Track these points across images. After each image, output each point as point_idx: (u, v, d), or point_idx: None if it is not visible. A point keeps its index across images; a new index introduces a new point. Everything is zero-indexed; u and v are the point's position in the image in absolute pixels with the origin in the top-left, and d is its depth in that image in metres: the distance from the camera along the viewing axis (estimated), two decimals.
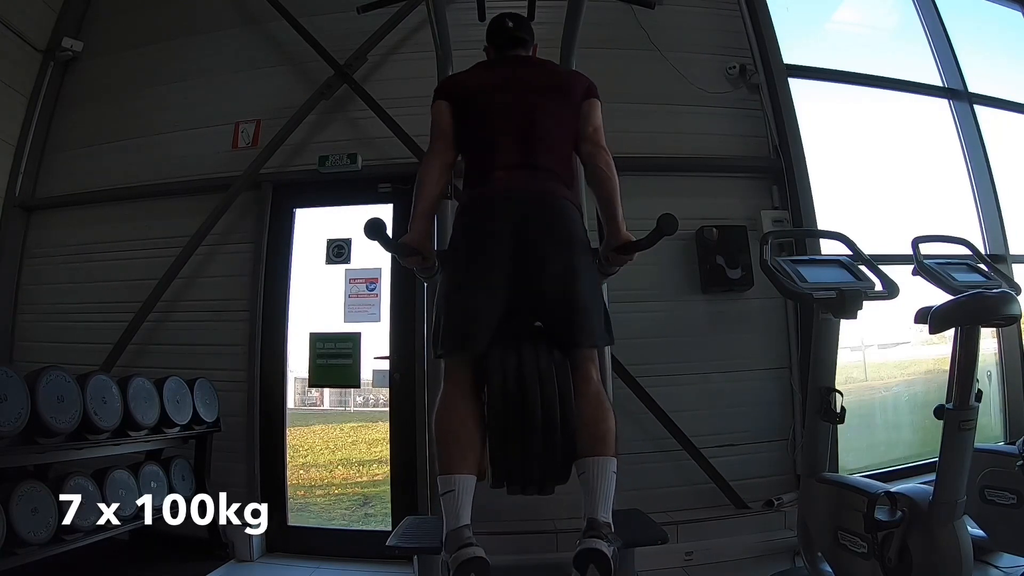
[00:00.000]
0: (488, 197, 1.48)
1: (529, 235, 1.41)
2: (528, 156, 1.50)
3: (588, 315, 1.40)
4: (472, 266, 1.42)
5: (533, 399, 1.30)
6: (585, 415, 1.34)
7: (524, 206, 1.44)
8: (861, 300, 2.06)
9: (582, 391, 1.37)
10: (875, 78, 3.64)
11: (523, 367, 1.33)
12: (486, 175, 1.50)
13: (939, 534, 1.70)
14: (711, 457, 2.87)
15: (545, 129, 1.54)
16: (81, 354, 3.07)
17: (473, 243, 1.44)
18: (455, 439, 1.32)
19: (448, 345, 1.39)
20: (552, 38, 2.14)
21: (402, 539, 1.58)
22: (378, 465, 4.82)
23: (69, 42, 3.57)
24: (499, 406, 1.32)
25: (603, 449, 1.32)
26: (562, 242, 1.43)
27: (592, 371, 1.41)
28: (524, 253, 1.40)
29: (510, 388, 1.31)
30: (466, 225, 1.49)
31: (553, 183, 1.50)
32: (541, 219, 1.44)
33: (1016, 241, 3.60)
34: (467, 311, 1.39)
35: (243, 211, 3.18)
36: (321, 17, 3.29)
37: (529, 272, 1.40)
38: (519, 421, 1.30)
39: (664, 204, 1.86)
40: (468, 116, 1.57)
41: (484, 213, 1.46)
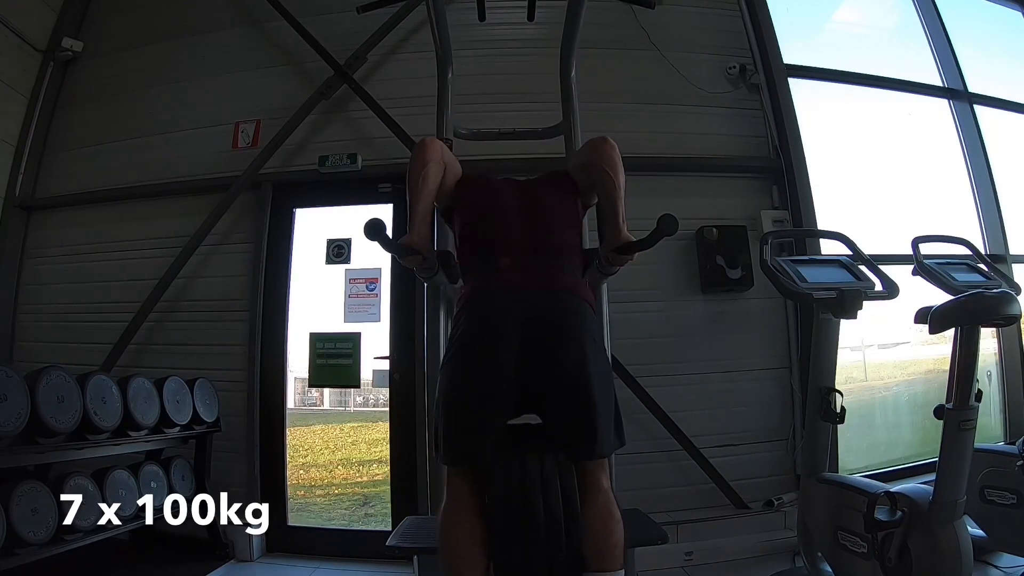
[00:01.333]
0: (491, 295, 1.39)
1: (537, 336, 1.31)
2: (535, 241, 1.45)
3: (599, 425, 1.31)
4: (475, 371, 1.33)
5: (536, 509, 1.25)
6: (593, 527, 1.28)
7: (532, 304, 1.35)
8: (861, 300, 2.06)
9: (590, 500, 1.31)
10: (875, 78, 3.64)
11: (527, 475, 1.28)
12: (488, 263, 1.44)
13: (939, 534, 1.71)
14: (711, 457, 2.87)
15: (551, 213, 1.50)
16: (81, 354, 3.07)
17: (475, 344, 1.35)
18: (460, 557, 1.27)
19: (449, 458, 1.33)
20: (552, 38, 2.14)
21: (402, 539, 1.58)
22: (378, 465, 4.82)
23: (69, 42, 3.57)
24: (500, 515, 1.27)
25: (610, 564, 1.27)
26: (573, 344, 1.32)
27: (602, 479, 1.34)
28: (532, 357, 1.31)
29: (512, 497, 1.26)
30: (467, 323, 1.38)
31: (562, 276, 1.43)
32: (550, 318, 1.34)
33: (1016, 241, 3.60)
34: (468, 422, 1.32)
35: (243, 211, 3.18)
36: (321, 17, 3.29)
37: (537, 377, 1.31)
38: (520, 531, 1.25)
39: (664, 204, 1.85)
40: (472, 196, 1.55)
41: (487, 310, 1.37)
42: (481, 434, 1.30)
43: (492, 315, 1.36)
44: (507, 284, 1.40)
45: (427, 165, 1.49)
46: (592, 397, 1.30)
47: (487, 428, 1.31)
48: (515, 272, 1.41)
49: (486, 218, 1.50)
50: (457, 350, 1.37)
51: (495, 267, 1.42)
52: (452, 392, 1.35)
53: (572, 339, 1.33)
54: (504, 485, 1.28)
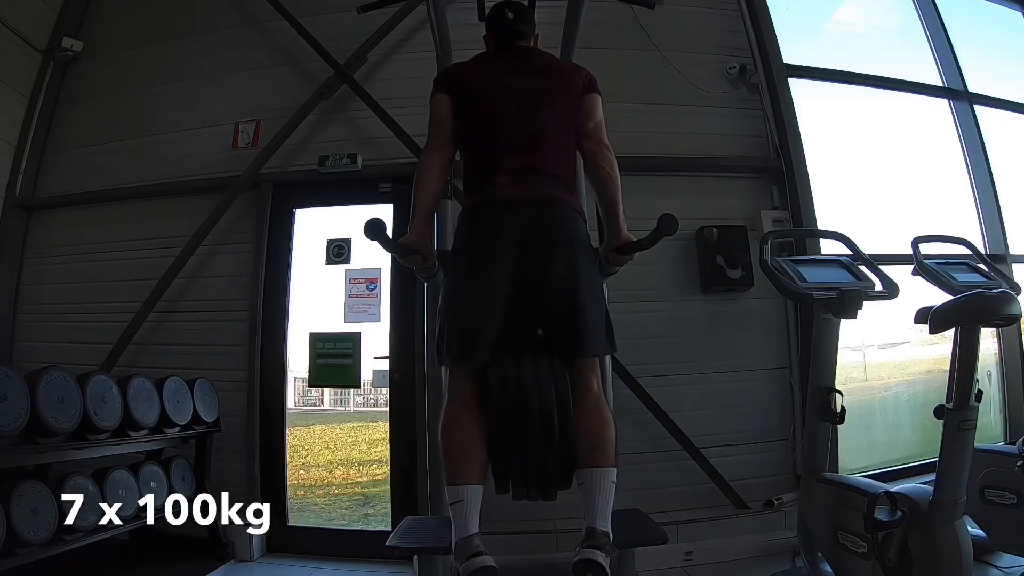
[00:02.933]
0: (490, 205, 1.47)
1: (532, 244, 1.40)
2: (530, 159, 1.49)
3: (590, 325, 1.40)
4: (474, 276, 1.42)
5: (531, 409, 1.31)
6: (585, 425, 1.35)
7: (527, 214, 1.43)
8: (861, 300, 2.06)
9: (582, 400, 1.38)
10: (875, 78, 3.64)
11: (522, 377, 1.35)
12: (487, 180, 1.49)
13: (939, 534, 1.71)
14: (711, 457, 2.87)
15: (547, 129, 1.52)
16: (81, 354, 3.07)
17: (476, 253, 1.44)
18: (461, 450, 1.33)
19: (452, 355, 1.40)
20: (552, 38, 2.13)
21: (402, 539, 1.59)
22: (378, 465, 4.81)
23: (69, 42, 3.57)
24: (497, 416, 1.34)
25: (602, 459, 1.33)
26: (564, 250, 1.42)
27: (593, 380, 1.42)
28: (527, 262, 1.39)
29: (509, 398, 1.33)
30: (468, 234, 1.48)
31: (556, 189, 1.49)
32: (544, 228, 1.43)
33: (1016, 241, 3.60)
34: (469, 322, 1.39)
35: (243, 211, 3.18)
36: (321, 17, 3.29)
37: (532, 281, 1.39)
38: (518, 430, 1.31)
39: (664, 204, 1.85)
40: (468, 113, 1.55)
41: (486, 222, 1.45)
42: (479, 333, 1.38)
43: (489, 225, 1.45)
44: (503, 196, 1.46)
45: (432, 170, 1.52)
46: (582, 299, 1.39)
47: (488, 327, 1.38)
48: (511, 187, 1.47)
49: (485, 137, 1.53)
50: (458, 257, 1.48)
51: (493, 183, 1.48)
52: (454, 296, 1.45)
53: (564, 246, 1.42)
54: (501, 385, 1.35)
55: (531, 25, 1.71)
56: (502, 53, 1.66)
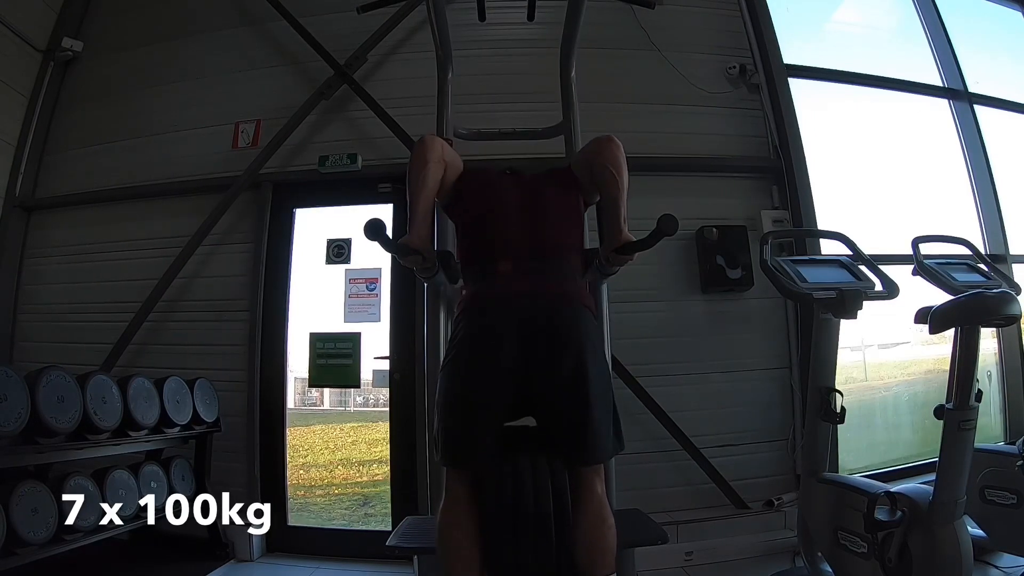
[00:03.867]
0: (491, 299, 1.40)
1: (537, 342, 1.32)
2: (535, 247, 1.44)
3: (598, 431, 1.32)
4: (473, 375, 1.34)
5: (526, 512, 1.27)
6: (585, 531, 1.29)
7: (532, 310, 1.35)
8: (861, 300, 2.06)
9: (584, 505, 1.32)
10: (875, 78, 3.64)
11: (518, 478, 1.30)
12: (489, 269, 1.44)
13: (939, 534, 1.71)
14: (711, 457, 2.87)
15: (552, 217, 1.49)
16: (81, 354, 3.07)
17: (476, 351, 1.36)
18: (458, 553, 1.29)
19: (448, 459, 1.35)
20: (552, 38, 2.14)
21: (402, 539, 1.58)
22: (378, 465, 4.81)
23: (69, 42, 3.57)
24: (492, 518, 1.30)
25: (602, 568, 1.29)
26: (572, 352, 1.33)
27: (596, 484, 1.34)
28: (531, 364, 1.32)
29: (503, 501, 1.29)
30: (468, 328, 1.39)
31: (563, 281, 1.43)
32: (550, 325, 1.34)
33: (1016, 241, 3.60)
34: (467, 427, 1.33)
35: (243, 211, 3.18)
36: (321, 17, 3.29)
37: (536, 383, 1.32)
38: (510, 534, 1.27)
39: (664, 204, 1.85)
40: (473, 194, 1.54)
41: (487, 318, 1.38)
42: (478, 437, 1.32)
43: (491, 320, 1.37)
44: (506, 289, 1.40)
45: (427, 164, 1.49)
46: (589, 404, 1.31)
47: (484, 431, 1.32)
48: (514, 277, 1.41)
49: (487, 218, 1.50)
50: (456, 354, 1.38)
51: (495, 271, 1.43)
52: (451, 395, 1.36)
53: (570, 346, 1.33)
54: (496, 487, 1.30)
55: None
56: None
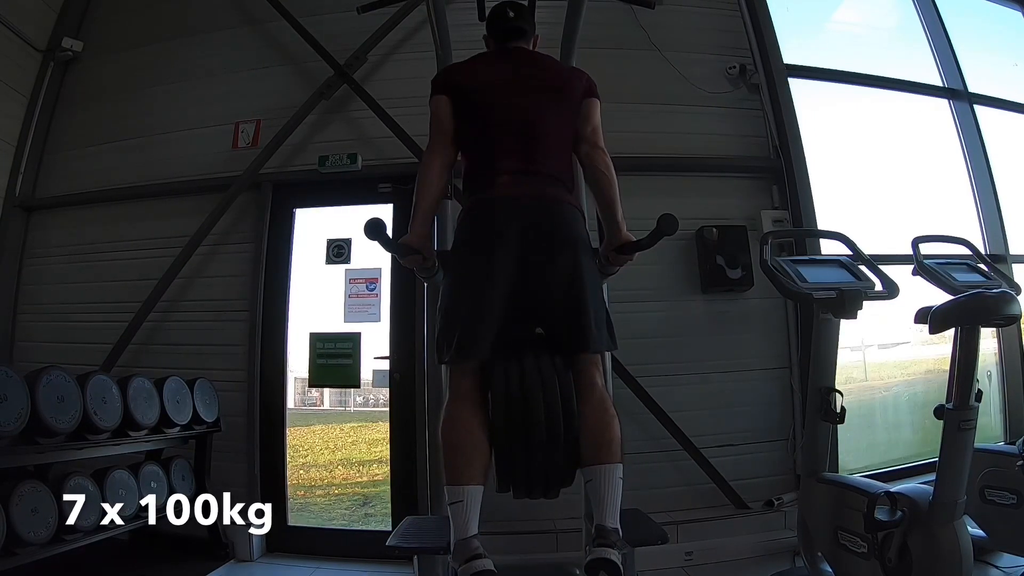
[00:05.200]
0: (490, 203, 1.47)
1: (532, 241, 1.41)
2: (530, 160, 1.50)
3: (592, 320, 1.39)
4: (475, 272, 1.41)
5: (536, 406, 1.30)
6: (590, 421, 1.34)
7: (527, 212, 1.44)
8: (861, 300, 2.06)
9: (586, 397, 1.37)
10: (875, 78, 3.64)
11: (525, 374, 1.34)
12: (488, 179, 1.50)
13: (939, 534, 1.71)
14: (711, 457, 2.87)
15: (546, 131, 1.53)
16: (81, 354, 3.07)
17: (476, 249, 1.44)
18: (461, 450, 1.32)
19: (452, 352, 1.39)
20: (552, 38, 2.13)
21: (402, 539, 1.58)
22: (378, 465, 4.81)
23: (69, 42, 3.57)
24: (502, 414, 1.33)
25: (608, 456, 1.32)
26: (566, 247, 1.42)
27: (596, 376, 1.41)
28: (527, 258, 1.40)
29: (513, 396, 1.32)
30: (468, 231, 1.48)
31: (555, 188, 1.50)
32: (544, 224, 1.43)
33: (1016, 241, 3.60)
34: (470, 318, 1.39)
35: (243, 211, 3.18)
36: (321, 17, 3.29)
37: (532, 278, 1.40)
38: (522, 428, 1.30)
39: (664, 204, 1.85)
40: (468, 115, 1.56)
41: (487, 219, 1.46)
42: (481, 330, 1.37)
43: (490, 222, 1.45)
44: (504, 195, 1.47)
45: (433, 168, 1.52)
46: (584, 295, 1.40)
47: (486, 324, 1.38)
48: (511, 186, 1.47)
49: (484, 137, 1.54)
50: (459, 254, 1.48)
51: (494, 179, 1.49)
52: (454, 293, 1.44)
53: (565, 243, 1.43)
54: (504, 384, 1.34)
55: (532, 25, 1.72)
56: (501, 55, 1.66)
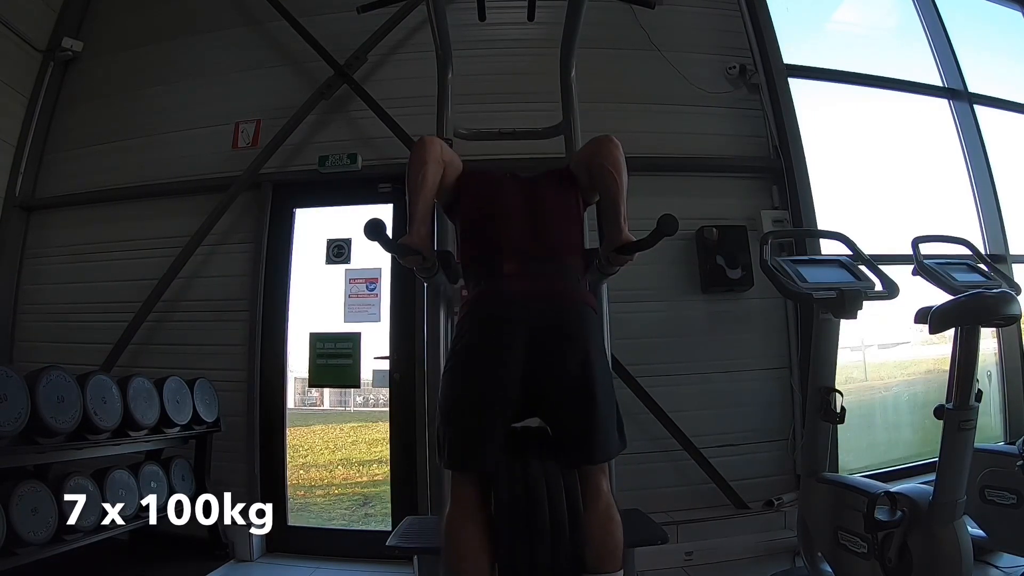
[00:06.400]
0: (497, 298, 1.40)
1: (542, 343, 1.33)
2: (536, 239, 1.46)
3: (603, 430, 1.33)
4: (479, 376, 1.34)
5: (541, 515, 1.26)
6: (594, 530, 1.30)
7: (537, 311, 1.36)
8: (861, 300, 2.06)
9: (592, 505, 1.32)
10: (875, 78, 3.64)
11: (530, 480, 1.29)
12: (494, 264, 1.44)
13: (939, 534, 1.71)
14: (711, 457, 2.87)
15: (552, 216, 1.50)
16: (81, 354, 3.07)
17: (480, 349, 1.36)
18: (466, 559, 1.28)
19: (454, 462, 1.34)
20: (552, 38, 2.14)
21: (402, 539, 1.58)
22: (378, 465, 4.81)
23: (69, 42, 3.57)
24: (506, 522, 1.28)
25: (611, 565, 1.29)
26: (578, 351, 1.34)
27: (603, 483, 1.35)
28: (536, 362, 1.32)
29: (517, 503, 1.28)
30: (472, 328, 1.39)
31: (567, 282, 1.44)
32: (556, 326, 1.35)
33: (1016, 241, 3.60)
34: (473, 427, 1.32)
35: (243, 211, 3.18)
36: (321, 17, 3.29)
37: (541, 382, 1.33)
38: (527, 537, 1.26)
39: (664, 204, 1.86)
40: (472, 191, 1.55)
41: (493, 316, 1.38)
42: (485, 439, 1.31)
43: (496, 322, 1.37)
44: (511, 290, 1.40)
45: (426, 164, 1.49)
46: (596, 403, 1.32)
47: (491, 433, 1.31)
48: (518, 277, 1.41)
49: (488, 219, 1.50)
50: (461, 356, 1.38)
51: (499, 273, 1.42)
52: (456, 398, 1.35)
53: (577, 345, 1.34)
54: (508, 490, 1.29)
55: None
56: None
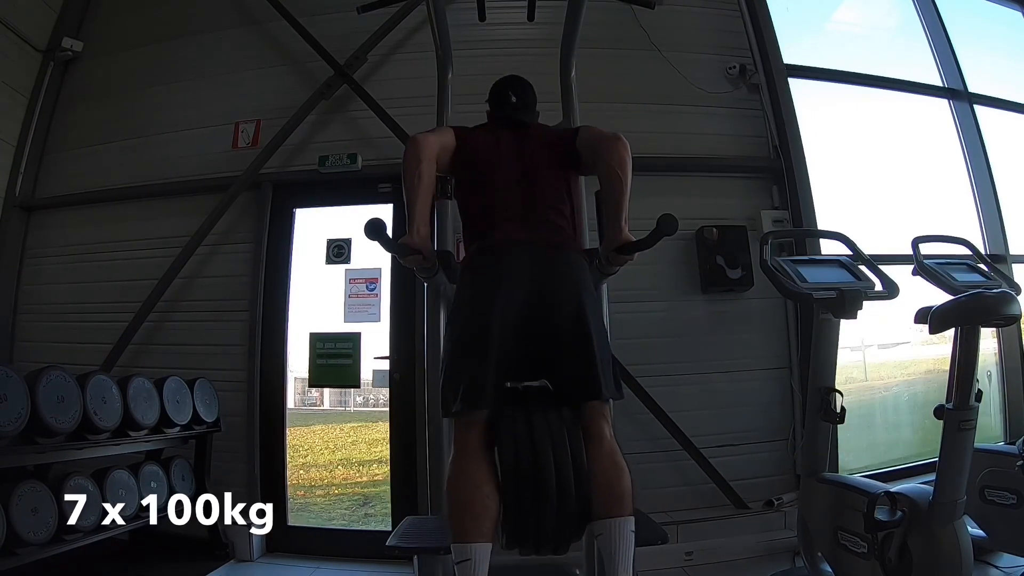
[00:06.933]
0: (493, 249, 1.47)
1: (537, 288, 1.39)
2: (530, 208, 1.51)
3: (599, 367, 1.36)
4: (479, 322, 1.37)
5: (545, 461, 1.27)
6: (600, 475, 1.30)
7: (531, 257, 1.43)
8: (861, 300, 2.06)
9: (595, 450, 1.33)
10: (875, 78, 3.64)
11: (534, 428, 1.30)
12: (489, 228, 1.50)
13: (939, 534, 1.71)
14: (711, 457, 2.87)
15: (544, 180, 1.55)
16: (81, 354, 3.07)
17: (480, 298, 1.40)
18: (470, 507, 1.28)
19: (458, 404, 1.34)
20: (552, 38, 2.14)
21: (402, 539, 1.58)
22: (378, 465, 4.82)
23: (69, 42, 3.57)
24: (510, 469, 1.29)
25: (620, 510, 1.28)
26: (571, 294, 1.40)
27: (605, 428, 1.36)
28: (533, 306, 1.38)
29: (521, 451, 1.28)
30: (471, 278, 1.46)
31: (557, 234, 1.51)
32: (548, 270, 1.42)
33: (1016, 241, 3.60)
34: (475, 369, 1.34)
35: (243, 211, 3.18)
36: (321, 17, 3.29)
37: (539, 325, 1.37)
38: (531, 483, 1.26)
39: (664, 204, 1.86)
40: (470, 168, 1.58)
41: (490, 265, 1.44)
42: (485, 379, 1.34)
43: (493, 268, 1.43)
44: (506, 242, 1.46)
45: (421, 163, 1.49)
46: (590, 338, 1.37)
47: (495, 373, 1.34)
48: (515, 231, 1.48)
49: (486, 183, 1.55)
50: (461, 302, 1.45)
51: (495, 227, 1.49)
52: (458, 341, 1.41)
53: (570, 288, 1.41)
54: (512, 438, 1.30)
55: (533, 102, 1.75)
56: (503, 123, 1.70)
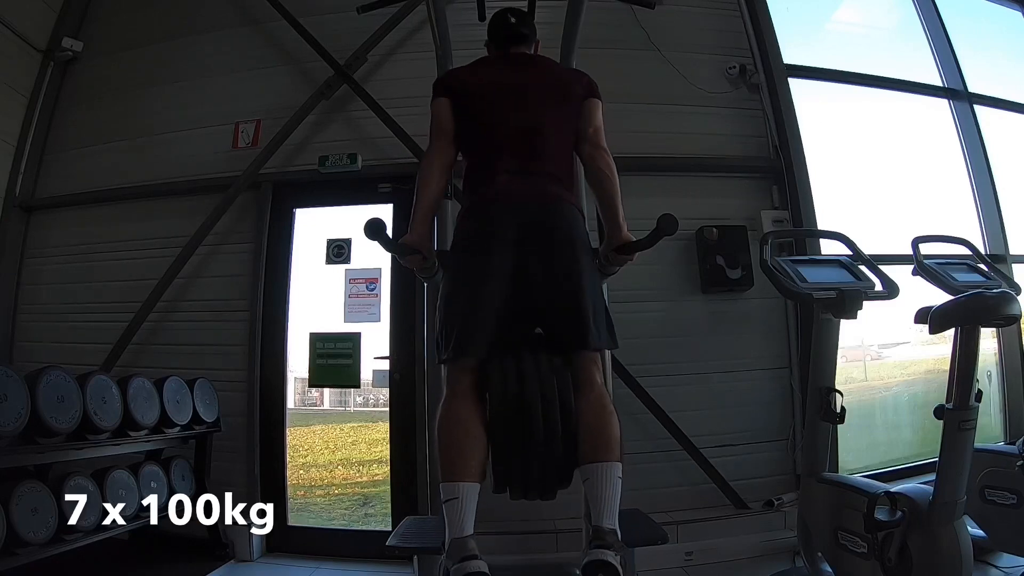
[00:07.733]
0: (488, 202, 1.48)
1: (530, 239, 1.41)
2: (530, 160, 1.51)
3: (591, 317, 1.39)
4: (473, 272, 1.42)
5: (533, 403, 1.30)
6: (588, 420, 1.33)
7: (527, 210, 1.45)
8: (861, 300, 2.06)
9: (584, 395, 1.36)
10: (875, 78, 3.64)
11: (523, 372, 1.33)
12: (488, 179, 1.51)
13: (939, 534, 1.71)
14: (711, 457, 2.87)
15: (546, 133, 1.54)
16: (81, 354, 3.07)
17: (474, 249, 1.44)
18: (458, 446, 1.30)
19: (451, 349, 1.38)
20: (552, 38, 2.13)
21: (402, 539, 1.59)
22: (378, 465, 4.81)
23: (69, 42, 3.57)
24: (500, 414, 1.32)
25: (607, 455, 1.30)
26: (564, 245, 1.43)
27: (595, 374, 1.40)
28: (525, 257, 1.40)
29: (510, 395, 1.32)
30: (468, 229, 1.49)
31: (555, 187, 1.51)
32: (542, 223, 1.44)
33: (1016, 241, 3.60)
34: (468, 316, 1.39)
35: (243, 211, 3.18)
36: (321, 17, 3.29)
37: (532, 275, 1.40)
38: (520, 428, 1.30)
39: (664, 204, 1.86)
40: (469, 117, 1.57)
41: (485, 219, 1.47)
42: (479, 327, 1.37)
43: (489, 220, 1.46)
44: (503, 193, 1.48)
45: (433, 167, 1.53)
46: (582, 292, 1.40)
47: (486, 322, 1.38)
48: (510, 185, 1.49)
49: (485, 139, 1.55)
50: (457, 254, 1.49)
51: (493, 182, 1.50)
52: (453, 291, 1.45)
53: (564, 241, 1.44)
54: (501, 381, 1.34)
55: (532, 30, 1.73)
56: (503, 59, 1.68)
